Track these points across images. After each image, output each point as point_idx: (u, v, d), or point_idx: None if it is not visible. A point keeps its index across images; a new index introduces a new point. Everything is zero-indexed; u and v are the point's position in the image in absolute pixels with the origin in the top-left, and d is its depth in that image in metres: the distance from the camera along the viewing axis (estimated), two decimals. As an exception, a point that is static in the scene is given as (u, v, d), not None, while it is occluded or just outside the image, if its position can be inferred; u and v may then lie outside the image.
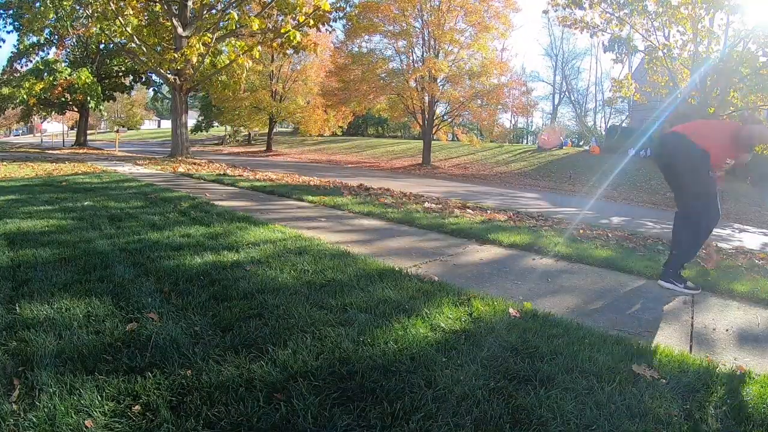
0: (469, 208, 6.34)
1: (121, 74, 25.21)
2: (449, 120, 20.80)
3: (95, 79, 22.05)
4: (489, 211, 6.18)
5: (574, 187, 15.48)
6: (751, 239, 7.29)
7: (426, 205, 6.08)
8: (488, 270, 3.23)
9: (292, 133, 36.06)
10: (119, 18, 12.05)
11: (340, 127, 27.29)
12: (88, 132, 29.06)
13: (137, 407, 1.44)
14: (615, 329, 2.31)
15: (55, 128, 39.92)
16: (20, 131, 54.36)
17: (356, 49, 20.11)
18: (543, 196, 11.92)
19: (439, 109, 20.60)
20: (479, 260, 3.49)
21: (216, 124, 34.29)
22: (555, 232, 4.76)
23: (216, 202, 5.28)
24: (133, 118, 48.31)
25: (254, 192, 6.72)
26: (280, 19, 13.40)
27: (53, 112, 28.10)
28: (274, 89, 25.37)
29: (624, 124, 29.16)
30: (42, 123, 38.61)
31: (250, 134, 34.02)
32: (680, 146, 3.08)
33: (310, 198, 6.02)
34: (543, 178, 17.19)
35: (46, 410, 1.41)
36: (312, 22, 12.27)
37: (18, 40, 20.47)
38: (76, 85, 20.95)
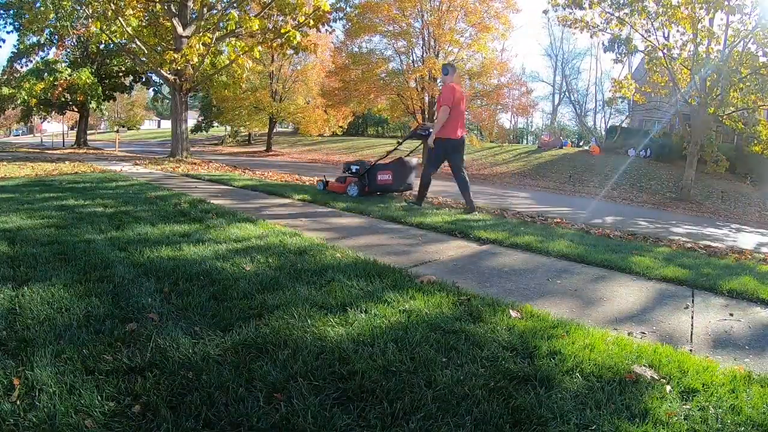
0: (461, 205, 6.34)
1: (121, 74, 25.19)
2: (449, 120, 20.77)
3: (96, 80, 22.05)
4: (483, 211, 6.19)
5: (574, 187, 15.49)
6: (747, 239, 7.30)
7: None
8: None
9: (292, 133, 36.07)
10: (119, 18, 12.05)
11: (340, 127, 27.30)
12: (88, 132, 29.06)
13: (137, 407, 1.44)
14: (614, 328, 2.31)
15: (55, 128, 39.92)
16: (20, 131, 54.37)
17: (356, 50, 20.11)
18: (540, 196, 11.93)
19: (439, 110, 20.59)
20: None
21: (216, 124, 34.28)
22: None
23: (216, 202, 5.28)
24: (133, 118, 48.32)
25: (254, 191, 6.72)
26: (280, 19, 13.40)
27: (53, 113, 28.10)
28: (274, 89, 25.37)
29: (624, 125, 29.17)
30: (42, 123, 38.63)
31: (250, 134, 34.03)
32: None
33: (308, 197, 6.03)
34: (542, 178, 17.20)
35: (46, 410, 1.41)
36: (312, 22, 12.27)
37: (18, 40, 20.47)
38: (77, 86, 20.94)
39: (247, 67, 13.95)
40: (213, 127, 35.19)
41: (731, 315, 2.64)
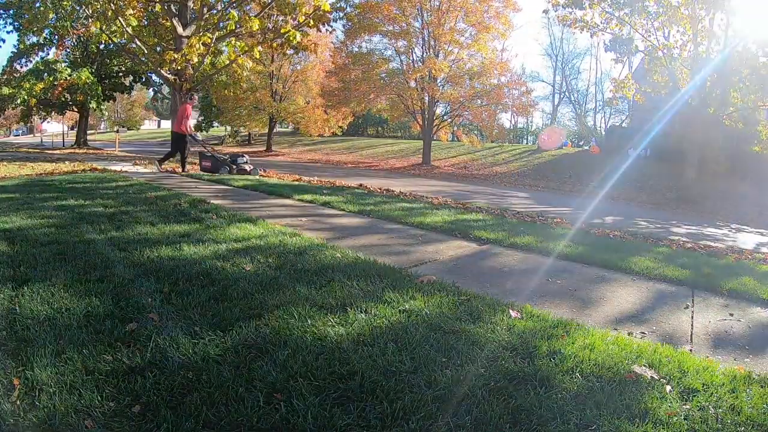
0: (461, 206, 6.35)
1: (121, 74, 25.20)
2: (449, 120, 20.82)
3: (96, 80, 22.05)
4: (483, 212, 6.19)
5: (574, 187, 15.49)
6: (747, 239, 7.30)
7: (414, 204, 6.08)
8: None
9: (292, 133, 36.09)
10: (119, 18, 12.05)
11: (340, 127, 27.32)
12: (88, 132, 29.06)
13: (137, 407, 1.44)
14: (614, 328, 2.31)
15: (55, 128, 39.93)
16: (20, 131, 54.34)
17: (356, 49, 20.15)
18: (540, 196, 11.93)
19: (439, 109, 20.64)
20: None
21: (216, 124, 34.30)
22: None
23: (216, 202, 5.28)
24: (133, 118, 48.29)
25: (254, 191, 6.72)
26: (280, 19, 13.39)
27: (53, 113, 28.10)
28: (274, 89, 25.39)
29: (624, 125, 29.17)
30: (42, 123, 38.63)
31: (250, 134, 34.04)
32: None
33: (307, 197, 6.03)
34: (542, 178, 17.20)
35: (46, 410, 1.41)
36: (312, 22, 12.26)
37: (18, 40, 20.45)
38: (77, 86, 20.95)
39: (247, 67, 13.95)
40: (213, 127, 35.21)
41: (731, 315, 2.64)
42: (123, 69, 24.66)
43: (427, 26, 18.11)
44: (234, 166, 9.67)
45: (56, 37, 20.88)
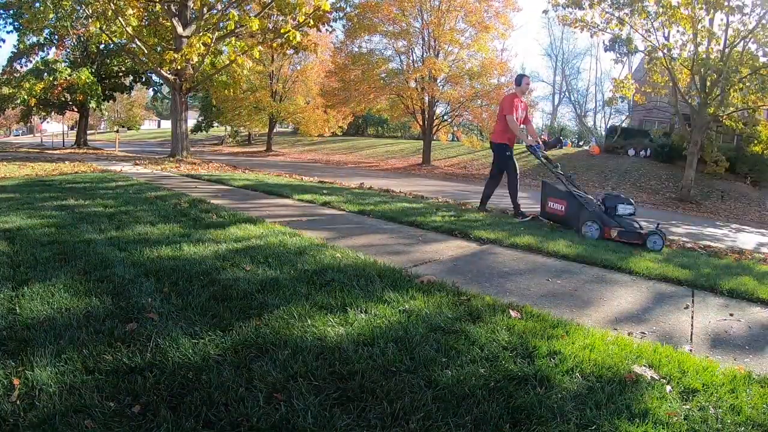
0: (461, 205, 6.35)
1: (121, 74, 25.18)
2: (449, 120, 20.81)
3: (95, 79, 22.05)
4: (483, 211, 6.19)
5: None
6: (747, 239, 7.30)
7: (414, 204, 6.08)
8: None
9: (293, 133, 36.08)
10: (119, 18, 12.05)
11: (340, 127, 27.28)
12: (88, 132, 29.05)
13: (137, 407, 1.44)
14: (614, 328, 2.31)
15: (55, 128, 39.93)
16: (20, 131, 54.35)
17: (356, 49, 20.11)
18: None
19: (439, 109, 20.62)
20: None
21: (216, 124, 34.27)
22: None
23: (215, 202, 5.28)
24: (133, 119, 48.23)
25: (254, 191, 6.72)
26: (280, 19, 13.39)
27: (53, 113, 28.08)
28: (274, 89, 25.37)
29: (624, 125, 29.16)
30: (42, 123, 38.64)
31: (250, 134, 34.02)
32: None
33: (307, 197, 6.03)
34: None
35: (46, 410, 1.41)
36: (312, 22, 12.27)
37: (18, 40, 20.46)
38: (77, 86, 20.95)
39: (247, 67, 13.96)
40: (213, 127, 35.15)
41: (731, 315, 2.64)
42: (123, 69, 24.64)
43: (427, 26, 18.09)
44: (614, 225, 4.48)
45: (56, 37, 20.90)
